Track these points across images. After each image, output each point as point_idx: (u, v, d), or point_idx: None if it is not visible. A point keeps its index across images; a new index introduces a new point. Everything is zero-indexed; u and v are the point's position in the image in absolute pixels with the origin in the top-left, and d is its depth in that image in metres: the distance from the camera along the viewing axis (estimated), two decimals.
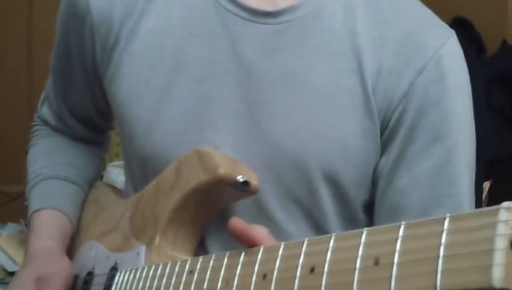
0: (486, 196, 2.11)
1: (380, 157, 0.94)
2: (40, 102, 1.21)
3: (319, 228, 0.95)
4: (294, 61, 0.93)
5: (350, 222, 0.96)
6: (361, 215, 0.97)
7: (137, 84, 0.97)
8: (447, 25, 0.97)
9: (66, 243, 1.09)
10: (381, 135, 0.93)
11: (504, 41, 2.31)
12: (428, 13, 0.97)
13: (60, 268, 1.02)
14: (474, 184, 0.97)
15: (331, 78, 0.92)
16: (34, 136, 1.22)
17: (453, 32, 0.96)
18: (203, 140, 0.94)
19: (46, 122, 1.20)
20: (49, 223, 1.08)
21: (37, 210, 1.10)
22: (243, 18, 0.94)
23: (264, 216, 0.94)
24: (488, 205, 2.15)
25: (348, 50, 0.93)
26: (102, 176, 2.29)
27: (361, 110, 0.92)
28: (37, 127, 1.22)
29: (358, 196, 0.95)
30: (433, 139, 0.91)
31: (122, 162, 1.12)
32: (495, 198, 2.08)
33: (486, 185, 2.11)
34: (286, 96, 0.92)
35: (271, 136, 0.92)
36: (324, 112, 0.92)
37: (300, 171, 0.92)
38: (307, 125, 0.92)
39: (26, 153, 1.21)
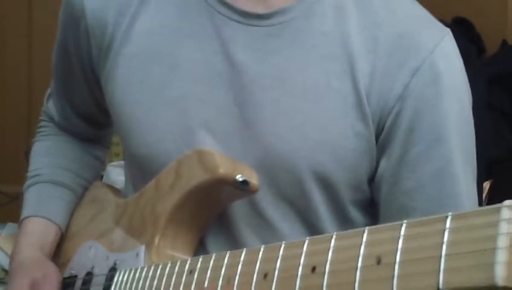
0: (486, 196, 2.11)
1: (379, 160, 0.93)
2: (46, 96, 1.22)
3: (312, 227, 0.95)
4: (286, 63, 0.93)
5: (343, 221, 0.96)
6: (355, 214, 0.96)
7: (132, 86, 0.98)
8: (441, 24, 0.96)
9: (51, 253, 1.12)
10: (378, 137, 0.92)
11: (504, 41, 2.31)
12: (422, 13, 0.97)
13: (51, 271, 1.06)
14: (475, 183, 0.96)
15: (322, 80, 0.92)
16: (40, 131, 1.23)
17: (448, 31, 0.95)
18: (195, 141, 0.94)
19: (51, 118, 1.21)
20: (37, 234, 1.11)
21: (29, 216, 1.12)
22: (234, 20, 0.94)
23: (257, 216, 0.94)
24: (488, 205, 2.15)
25: (339, 52, 0.92)
26: (102, 176, 2.29)
27: (353, 112, 0.91)
28: (43, 122, 1.23)
29: (350, 197, 0.95)
30: (433, 141, 0.91)
31: (122, 162, 1.12)
32: (495, 198, 2.07)
33: (486, 185, 2.11)
34: (277, 98, 0.92)
35: (262, 138, 0.92)
36: (315, 114, 0.92)
37: (292, 172, 0.92)
38: (297, 127, 0.92)
39: (26, 153, 1.22)
